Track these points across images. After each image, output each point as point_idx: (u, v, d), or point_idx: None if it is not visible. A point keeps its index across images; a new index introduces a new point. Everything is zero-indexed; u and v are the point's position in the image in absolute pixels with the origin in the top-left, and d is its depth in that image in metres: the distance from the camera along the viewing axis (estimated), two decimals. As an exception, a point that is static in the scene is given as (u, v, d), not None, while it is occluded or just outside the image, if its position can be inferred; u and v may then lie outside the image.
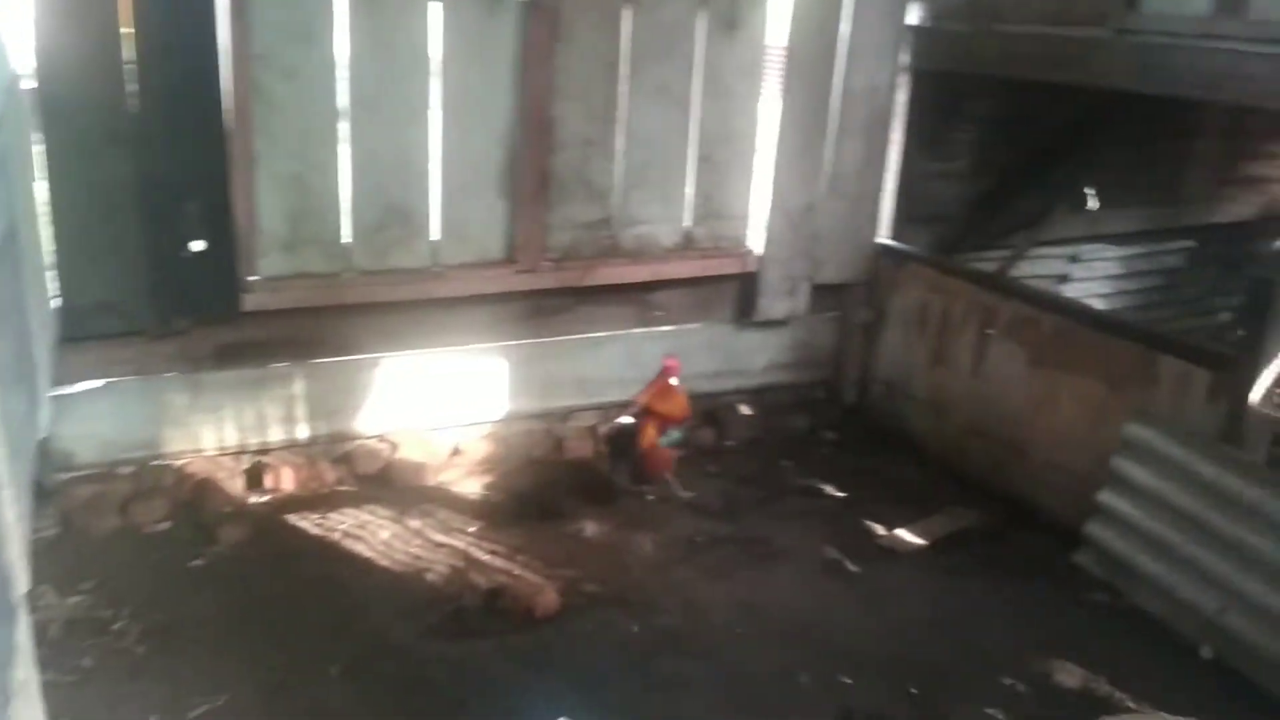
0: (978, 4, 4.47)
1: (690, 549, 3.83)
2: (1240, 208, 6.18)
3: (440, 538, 3.79)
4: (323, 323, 4.08)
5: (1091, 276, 5.89)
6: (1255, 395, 3.28)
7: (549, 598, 3.37)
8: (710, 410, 4.87)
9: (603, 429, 4.50)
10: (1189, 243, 6.13)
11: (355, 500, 4.01)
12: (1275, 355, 3.25)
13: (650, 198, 4.55)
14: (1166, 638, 3.42)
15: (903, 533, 4.02)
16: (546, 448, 4.49)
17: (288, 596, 3.37)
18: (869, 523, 4.08)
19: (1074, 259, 5.78)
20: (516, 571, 3.58)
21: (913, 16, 4.77)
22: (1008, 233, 5.42)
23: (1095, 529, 3.73)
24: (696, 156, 4.59)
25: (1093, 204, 5.45)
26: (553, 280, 4.41)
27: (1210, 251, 6.22)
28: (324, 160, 3.89)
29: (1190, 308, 6.39)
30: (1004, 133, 5.29)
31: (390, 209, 4.07)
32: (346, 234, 4.03)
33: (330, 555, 3.64)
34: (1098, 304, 5.90)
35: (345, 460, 4.21)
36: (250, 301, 3.88)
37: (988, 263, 5.33)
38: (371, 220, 4.04)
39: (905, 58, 4.82)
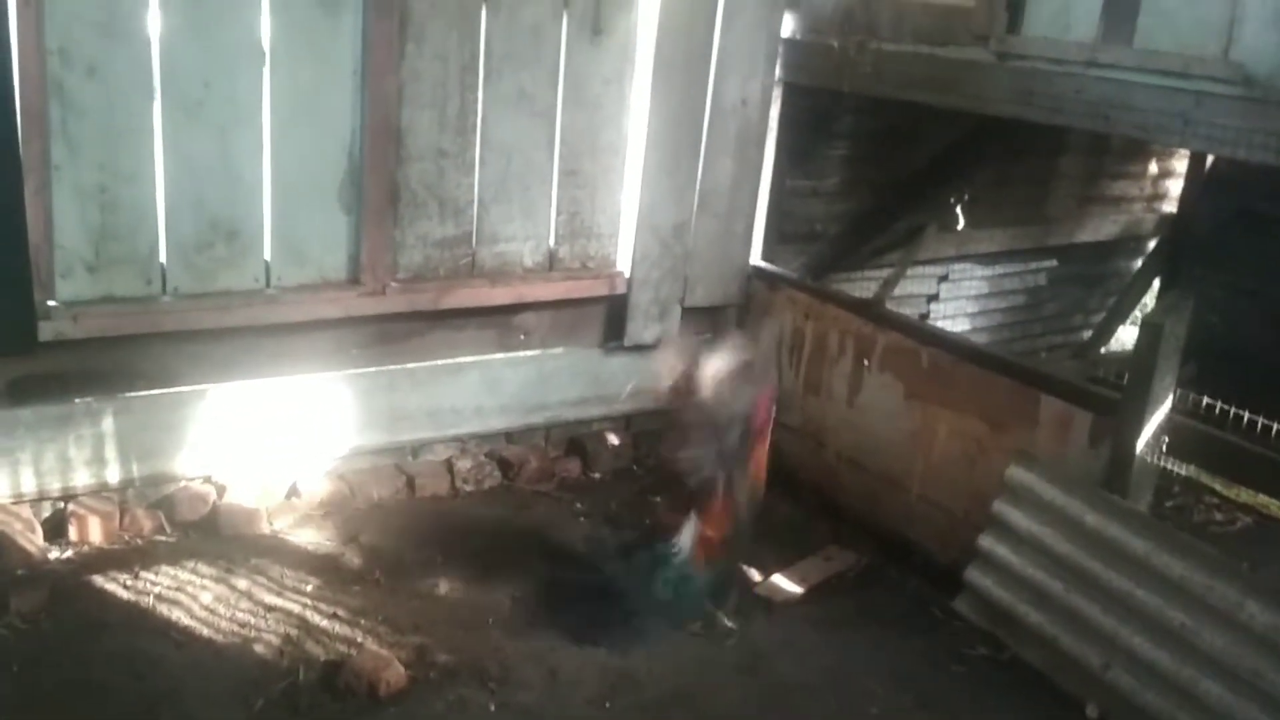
0: (853, 19, 4.28)
1: (555, 606, 3.51)
2: (1103, 227, 6.23)
3: (271, 599, 3.36)
4: (137, 352, 3.60)
5: (960, 295, 5.84)
6: (1140, 443, 3.18)
7: (395, 673, 3.00)
8: (577, 440, 4.59)
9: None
10: (1053, 262, 6.14)
11: (174, 554, 3.55)
12: (1161, 402, 3.15)
13: (511, 214, 4.21)
14: (1051, 695, 3.29)
15: (779, 579, 3.80)
16: (395, 486, 4.10)
17: (86, 681, 2.90)
18: (744, 567, 3.85)
19: (944, 278, 5.71)
20: (359, 640, 3.20)
21: (787, 29, 4.55)
22: (881, 253, 5.29)
23: (975, 575, 3.59)
24: (561, 170, 4.27)
25: (962, 223, 5.37)
26: (403, 303, 4.03)
27: (1073, 270, 6.26)
28: (135, 169, 3.41)
29: (1053, 325, 6.43)
30: (877, 150, 5.16)
31: (214, 224, 3.61)
32: (163, 252, 3.55)
33: (140, 625, 3.17)
34: (966, 322, 5.88)
35: (164, 506, 3.74)
36: (48, 330, 3.38)
37: (862, 282, 5.19)
38: (192, 237, 3.58)
39: (778, 71, 4.60)
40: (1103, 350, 6.25)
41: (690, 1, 4.27)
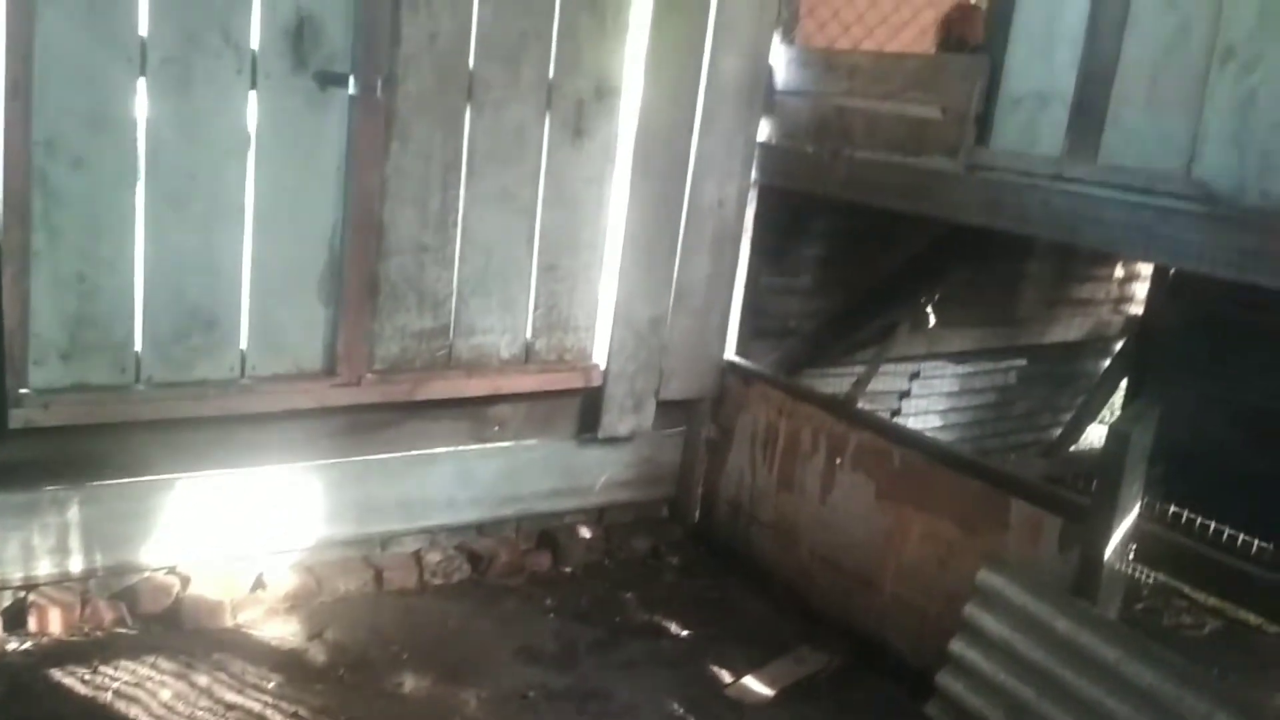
0: (828, 127, 4.39)
1: (523, 708, 3.45)
2: (1071, 328, 6.35)
3: (232, 697, 3.29)
4: (108, 440, 3.56)
5: (932, 392, 5.91)
6: (1108, 550, 3.20)
7: (357, 776, 2.94)
8: (548, 532, 4.56)
9: None
10: (1023, 361, 6.24)
11: (135, 648, 3.47)
12: (1129, 510, 3.19)
13: (489, 307, 4.25)
14: (1024, 807, 3.25)
15: (750, 681, 3.76)
16: (362, 579, 4.05)
17: (37, 784, 2.83)
18: (715, 668, 3.81)
19: (916, 375, 5.79)
20: (321, 740, 3.14)
21: (763, 134, 4.67)
22: (854, 350, 5.36)
23: (946, 680, 3.56)
24: (540, 265, 4.32)
25: (933, 322, 5.46)
26: (378, 394, 4.03)
27: (1042, 370, 6.36)
28: (115, 258, 3.42)
29: (1023, 423, 6.51)
30: (851, 250, 5.26)
31: (193, 314, 3.61)
32: (138, 341, 3.55)
33: (97, 723, 3.10)
34: (937, 419, 5.93)
35: (126, 597, 3.67)
36: (18, 417, 3.34)
37: (836, 379, 5.25)
38: (169, 327, 3.58)
39: (755, 174, 4.71)
40: (1071, 449, 6.31)
41: (670, 108, 4.39)
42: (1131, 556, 3.80)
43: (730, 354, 4.89)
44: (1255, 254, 3.08)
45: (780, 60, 4.63)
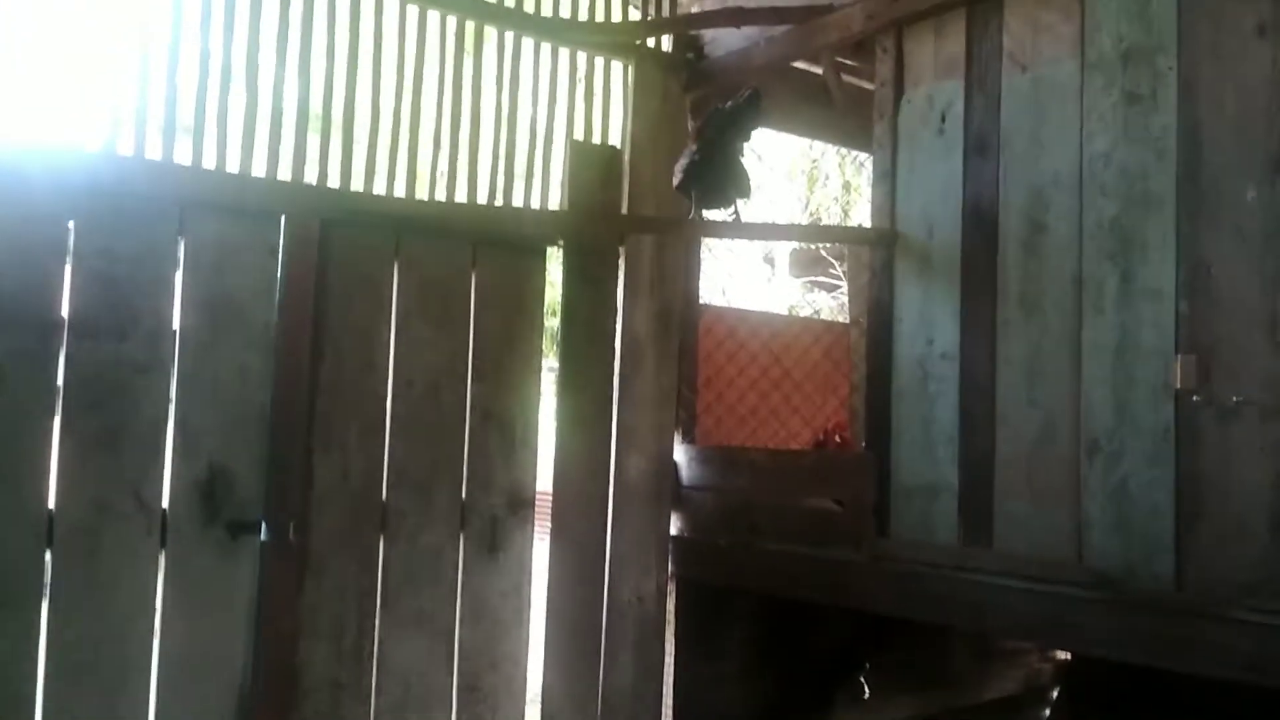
0: (736, 519, 4.54)
1: None
2: (1005, 684, 6.29)
3: None
4: None
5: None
6: None
7: None
8: None
9: None
10: (963, 724, 6.12)
11: None
12: None
13: (409, 738, 4.08)
14: None
15: None
16: None
17: None
18: None
19: (857, 753, 5.60)
20: None
21: (675, 527, 4.80)
22: (791, 731, 5.21)
23: None
24: (460, 687, 4.21)
25: (868, 693, 5.38)
26: None
27: (983, 730, 6.22)
28: (8, 742, 3.26)
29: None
30: (778, 630, 5.25)
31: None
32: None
33: None
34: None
35: None
36: None
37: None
38: (64, 808, 3.35)
39: (671, 567, 4.78)
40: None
41: (580, 510, 4.50)
42: None
43: (666, 757, 4.73)
44: (1155, 638, 3.17)
45: (683, 458, 4.84)
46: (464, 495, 4.23)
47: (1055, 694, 6.43)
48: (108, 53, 3.79)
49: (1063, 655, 6.62)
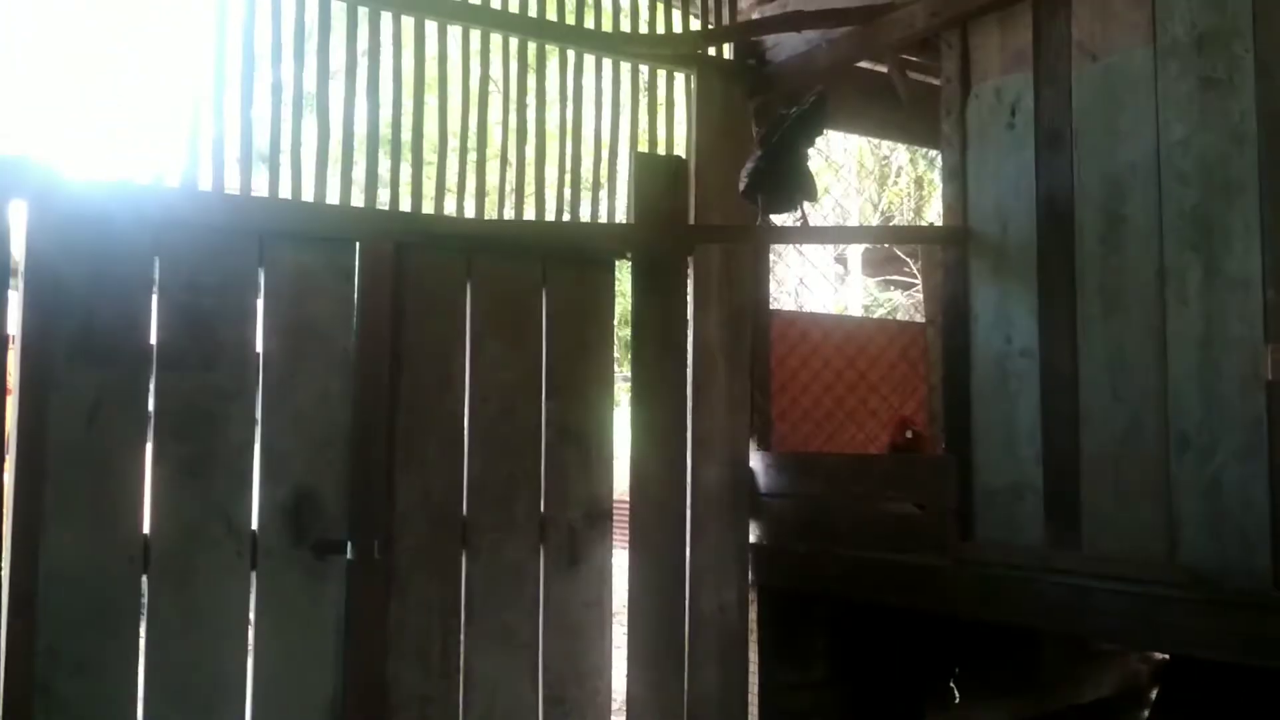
0: (815, 526, 4.50)
1: None
2: (1099, 687, 6.13)
3: None
4: None
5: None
6: None
7: None
8: None
9: None
10: (1058, 728, 5.97)
11: None
12: None
13: (497, 750, 4.13)
14: None
15: None
16: None
17: None
18: None
19: (947, 757, 5.51)
20: None
21: (754, 535, 4.77)
22: (879, 741, 5.15)
23: None
24: (545, 700, 4.24)
25: (958, 698, 5.29)
26: None
27: (1078, 734, 6.07)
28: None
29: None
30: (863, 637, 5.19)
31: (193, 807, 3.51)
32: None
33: None
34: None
35: None
36: None
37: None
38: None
39: (751, 576, 4.76)
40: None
41: (659, 521, 4.49)
42: None
43: (753, 766, 4.71)
44: (1253, 637, 3.06)
45: (759, 465, 4.82)
46: (542, 509, 4.27)
47: (1153, 696, 6.24)
48: (184, 88, 3.93)
49: (1161, 656, 6.44)
